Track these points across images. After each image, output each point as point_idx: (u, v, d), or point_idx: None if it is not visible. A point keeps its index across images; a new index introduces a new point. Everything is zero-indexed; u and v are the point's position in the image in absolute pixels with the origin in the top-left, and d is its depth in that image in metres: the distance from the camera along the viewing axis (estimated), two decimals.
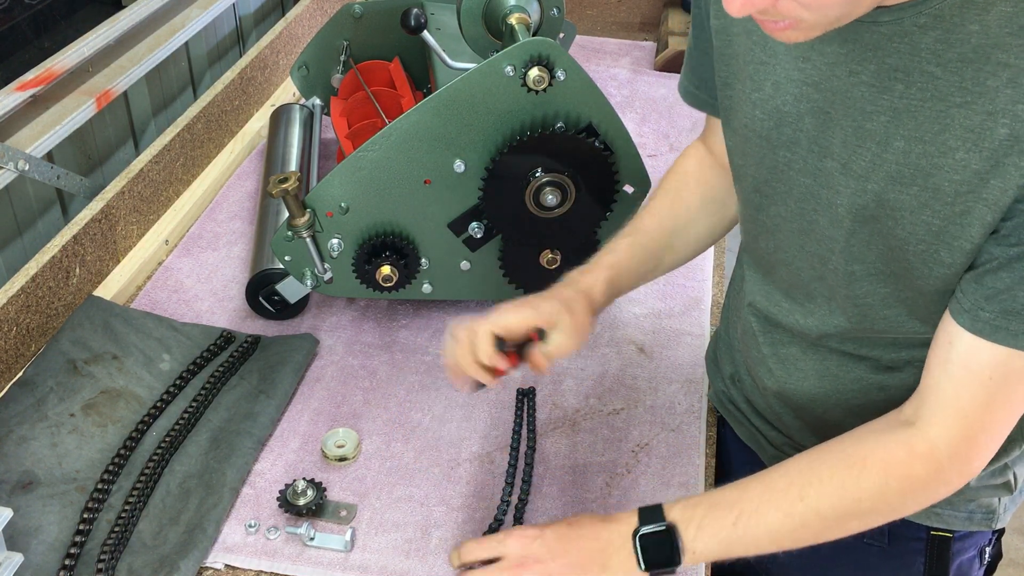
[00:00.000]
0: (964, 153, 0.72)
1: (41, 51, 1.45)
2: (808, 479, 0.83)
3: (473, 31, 1.31)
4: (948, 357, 0.79)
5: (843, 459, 0.83)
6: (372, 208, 1.19)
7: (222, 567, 0.99)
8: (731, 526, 0.83)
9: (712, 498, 0.86)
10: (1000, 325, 0.75)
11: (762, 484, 0.85)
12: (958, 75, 0.71)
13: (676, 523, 0.85)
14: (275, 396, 1.17)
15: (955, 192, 0.74)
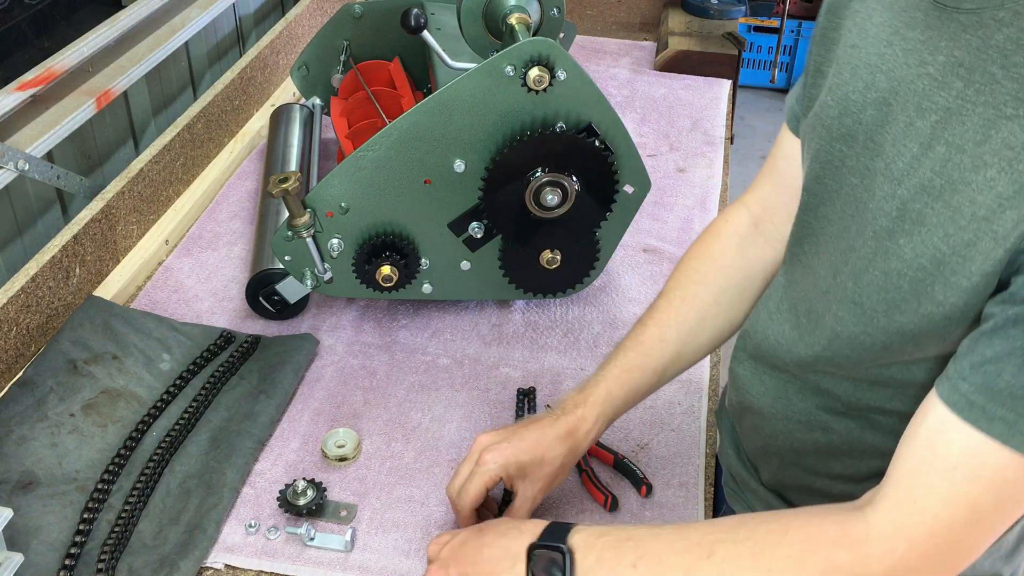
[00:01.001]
0: (996, 172, 0.66)
1: (41, 51, 1.45)
2: (723, 537, 0.74)
3: (473, 31, 1.31)
4: (917, 431, 0.68)
5: (766, 524, 0.74)
6: (372, 208, 1.19)
7: (222, 567, 0.99)
8: (630, 567, 0.75)
9: (622, 532, 0.79)
10: (976, 402, 0.64)
11: (677, 532, 0.77)
12: (1018, 82, 0.65)
13: (575, 549, 0.78)
14: (275, 396, 1.17)
15: (971, 215, 0.67)
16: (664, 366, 1.00)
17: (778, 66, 4.16)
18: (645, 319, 1.02)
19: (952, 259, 0.69)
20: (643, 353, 0.99)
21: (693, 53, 2.04)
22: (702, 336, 1.01)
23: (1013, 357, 0.63)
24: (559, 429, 0.95)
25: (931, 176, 0.70)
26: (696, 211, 1.59)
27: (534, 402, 1.20)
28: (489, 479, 0.93)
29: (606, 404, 0.97)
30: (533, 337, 1.32)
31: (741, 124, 4.20)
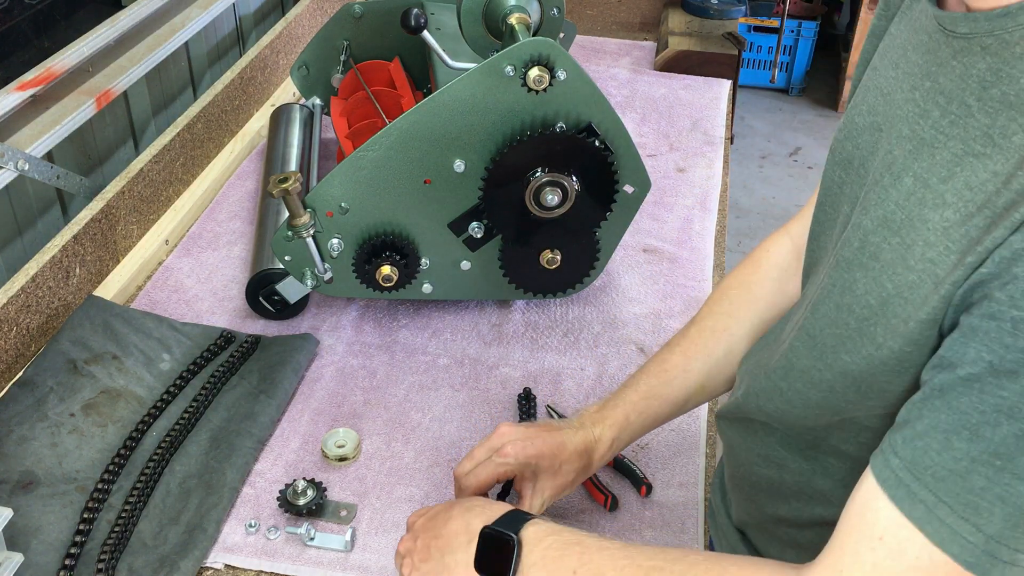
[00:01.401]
0: (952, 212, 0.63)
1: (41, 51, 1.45)
2: (661, 566, 0.73)
3: (473, 31, 1.31)
4: (853, 499, 0.65)
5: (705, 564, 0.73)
6: (372, 208, 1.19)
7: (222, 567, 0.99)
8: (570, 572, 0.76)
9: (573, 536, 0.79)
10: (903, 480, 0.61)
11: (624, 550, 0.76)
12: (991, 118, 0.62)
13: (525, 540, 0.79)
14: (275, 396, 1.17)
15: (921, 256, 0.64)
16: (686, 398, 0.98)
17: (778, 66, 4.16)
18: (673, 345, 1.00)
19: (895, 300, 0.66)
20: (666, 382, 0.98)
21: (693, 53, 2.04)
22: (728, 370, 0.98)
23: (937, 433, 0.60)
24: (578, 444, 0.94)
25: (894, 209, 0.68)
26: (696, 211, 1.59)
27: (535, 402, 1.20)
28: (504, 472, 0.93)
29: (622, 429, 0.96)
30: (533, 337, 1.32)
31: (741, 124, 4.20)
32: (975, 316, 0.59)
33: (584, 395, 1.22)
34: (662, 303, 1.38)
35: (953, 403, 0.59)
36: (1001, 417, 0.57)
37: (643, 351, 1.29)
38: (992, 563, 0.58)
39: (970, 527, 0.58)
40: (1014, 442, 0.57)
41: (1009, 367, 0.56)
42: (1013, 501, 0.57)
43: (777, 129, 4.20)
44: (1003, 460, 0.57)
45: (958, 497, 0.59)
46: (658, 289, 1.40)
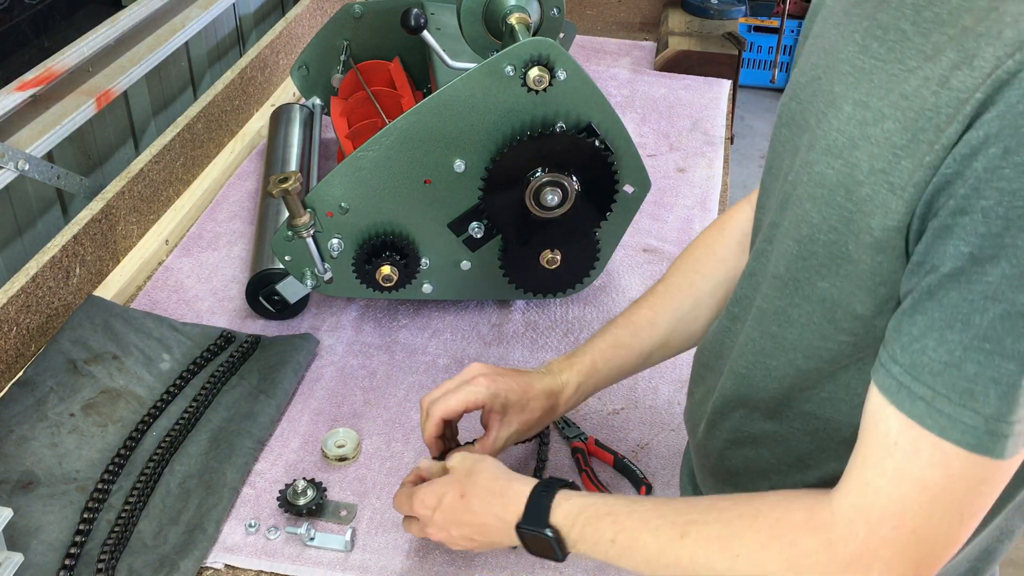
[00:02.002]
0: (892, 123, 0.65)
1: (41, 51, 1.45)
2: (696, 518, 0.75)
3: (473, 31, 1.31)
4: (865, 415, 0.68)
5: (738, 507, 0.74)
6: (372, 208, 1.19)
7: (222, 567, 0.99)
8: (609, 541, 0.78)
9: (602, 507, 0.80)
10: (903, 383, 0.64)
11: (654, 509, 0.78)
12: (924, 37, 0.65)
13: (559, 527, 0.81)
14: (275, 396, 1.17)
15: (869, 169, 0.66)
16: (651, 349, 1.01)
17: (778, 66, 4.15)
18: (640, 301, 1.04)
19: (856, 216, 0.68)
20: (632, 333, 1.01)
21: (693, 53, 2.04)
22: (694, 325, 1.01)
23: (932, 331, 0.62)
24: (545, 385, 0.98)
25: (835, 136, 0.70)
26: (696, 211, 1.59)
27: None
28: (474, 400, 0.95)
29: (588, 376, 1.00)
30: (533, 337, 1.32)
31: (741, 124, 4.20)
32: (944, 216, 0.61)
33: None
34: None
35: (943, 300, 0.62)
36: (988, 302, 0.59)
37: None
38: (994, 441, 0.61)
39: (969, 412, 0.61)
40: (1000, 323, 0.59)
41: (988, 253, 0.59)
42: (1005, 380, 0.60)
43: None
44: (992, 343, 0.60)
45: (954, 387, 0.61)
46: None
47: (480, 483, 0.87)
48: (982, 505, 0.65)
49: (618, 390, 1.23)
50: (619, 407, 1.21)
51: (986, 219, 0.59)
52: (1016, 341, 0.59)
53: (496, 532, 0.85)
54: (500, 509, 0.85)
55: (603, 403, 1.21)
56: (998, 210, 0.58)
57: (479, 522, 0.86)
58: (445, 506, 0.88)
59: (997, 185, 0.58)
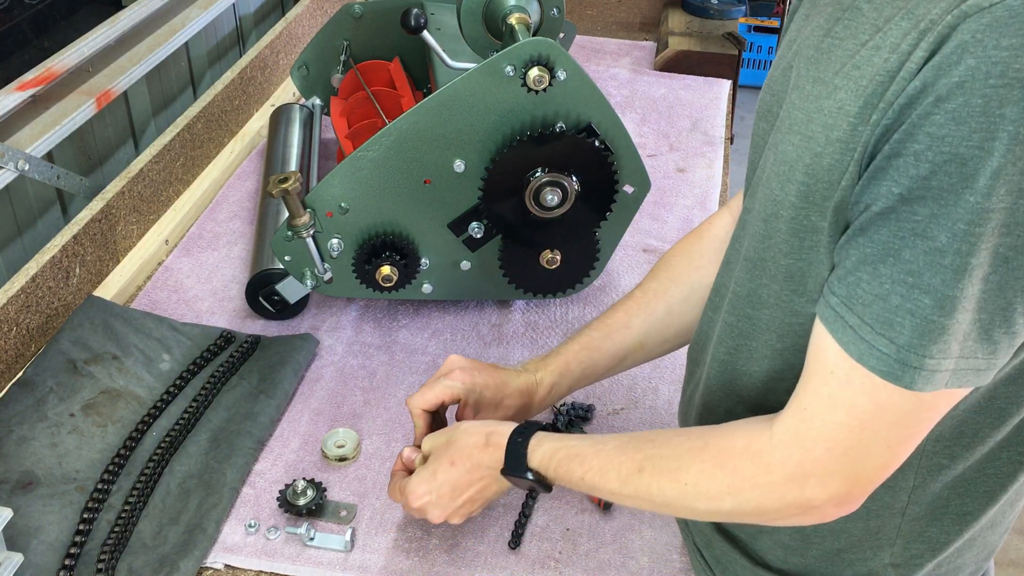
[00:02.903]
0: (844, 93, 0.67)
1: (41, 51, 1.45)
2: (652, 452, 0.81)
3: (473, 31, 1.31)
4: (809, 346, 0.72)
5: (689, 440, 0.80)
6: (372, 208, 1.19)
7: (222, 567, 0.99)
8: (579, 479, 0.85)
9: (571, 448, 0.86)
10: (839, 312, 0.68)
11: (618, 446, 0.84)
12: (878, 12, 0.67)
13: (537, 469, 0.87)
14: (275, 396, 1.17)
15: (825, 139, 0.68)
16: (625, 352, 1.03)
17: None
18: (617, 305, 1.06)
19: (817, 186, 0.70)
20: (606, 335, 1.03)
21: (693, 53, 2.04)
22: (667, 331, 1.03)
23: (866, 264, 0.66)
24: (520, 383, 1.02)
25: (796, 113, 0.72)
26: (696, 211, 1.59)
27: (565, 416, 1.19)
28: (451, 394, 0.99)
29: (562, 376, 1.02)
30: (533, 337, 1.32)
31: (741, 124, 4.20)
32: (879, 159, 0.64)
33: (584, 395, 1.22)
34: None
35: (874, 236, 0.65)
36: (915, 239, 0.63)
37: None
38: (903, 370, 0.65)
39: (884, 340, 0.65)
40: (923, 258, 0.63)
41: (917, 194, 0.62)
42: (919, 313, 0.63)
43: None
44: (914, 276, 0.63)
45: (878, 317, 0.65)
46: None
47: (462, 443, 0.92)
48: (909, 435, 0.69)
49: (618, 390, 1.23)
50: (619, 407, 1.20)
51: (917, 162, 0.62)
52: (933, 276, 0.62)
53: (490, 481, 0.91)
54: (488, 459, 0.90)
55: (603, 403, 1.21)
56: (927, 154, 0.61)
57: (475, 478, 0.91)
58: (440, 482, 0.92)
59: (928, 131, 0.61)
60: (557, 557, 1.01)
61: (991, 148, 0.59)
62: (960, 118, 0.59)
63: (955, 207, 0.61)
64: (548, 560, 1.01)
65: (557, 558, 1.01)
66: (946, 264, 0.62)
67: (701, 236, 1.05)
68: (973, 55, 0.58)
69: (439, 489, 0.92)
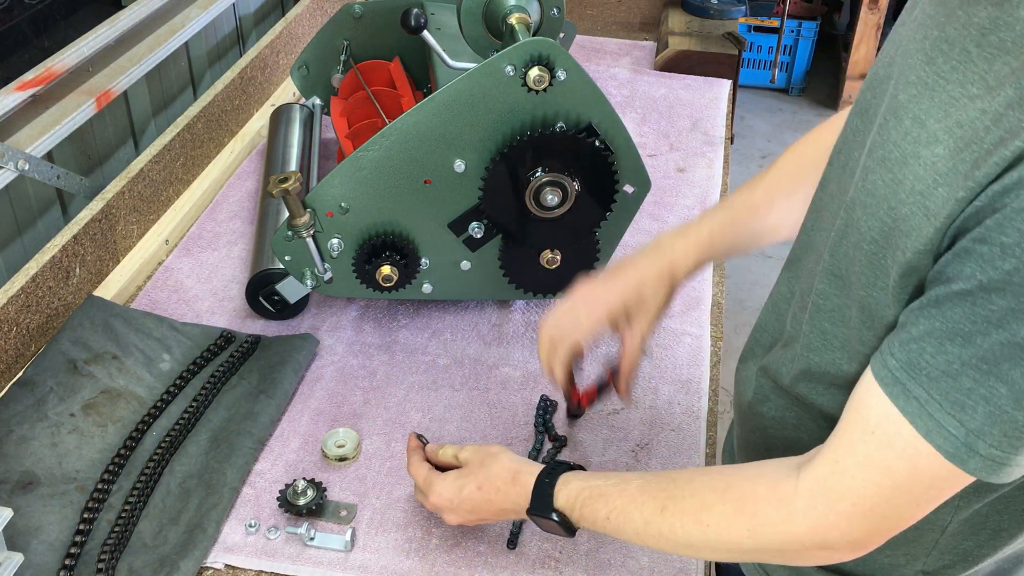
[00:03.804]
0: (943, 149, 0.66)
1: (41, 51, 1.45)
2: (675, 493, 0.80)
3: (473, 31, 1.31)
4: (851, 400, 0.72)
5: (711, 481, 0.80)
6: (372, 208, 1.19)
7: (222, 567, 0.99)
8: (604, 519, 0.84)
9: (596, 488, 0.86)
10: (899, 379, 0.67)
11: (642, 485, 0.83)
12: (988, 63, 0.65)
13: (562, 510, 0.87)
14: (275, 396, 1.17)
15: (911, 189, 0.68)
16: (765, 231, 1.02)
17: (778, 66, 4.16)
18: (756, 182, 1.05)
19: (894, 232, 0.70)
20: (751, 212, 1.03)
21: (693, 53, 2.04)
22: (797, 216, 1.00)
23: (932, 338, 0.65)
24: (659, 267, 1.02)
25: (891, 148, 0.71)
26: (696, 211, 1.59)
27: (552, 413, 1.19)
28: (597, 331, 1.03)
29: (705, 248, 1.03)
30: (533, 337, 1.32)
31: (741, 124, 4.20)
32: (968, 240, 0.64)
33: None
34: None
35: (948, 313, 0.65)
36: (990, 327, 0.63)
37: (643, 351, 1.29)
38: (970, 455, 0.65)
39: (955, 422, 0.64)
40: (999, 349, 0.62)
41: (997, 285, 0.62)
42: (995, 401, 0.63)
43: (777, 129, 4.20)
44: (989, 364, 0.63)
45: (947, 396, 0.65)
46: None
47: (493, 474, 0.93)
48: (940, 497, 0.69)
49: None
50: (619, 407, 1.21)
51: (1003, 254, 0.61)
52: (1012, 368, 0.62)
53: (512, 514, 0.93)
54: (514, 497, 0.91)
55: (603, 403, 1.21)
56: (1015, 250, 0.61)
57: (496, 508, 0.93)
58: (464, 498, 0.94)
59: (1020, 227, 0.61)
60: (557, 557, 1.01)
61: None
62: None
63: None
64: (548, 560, 1.01)
65: (557, 558, 1.01)
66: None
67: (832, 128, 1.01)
68: None
69: (461, 504, 0.94)
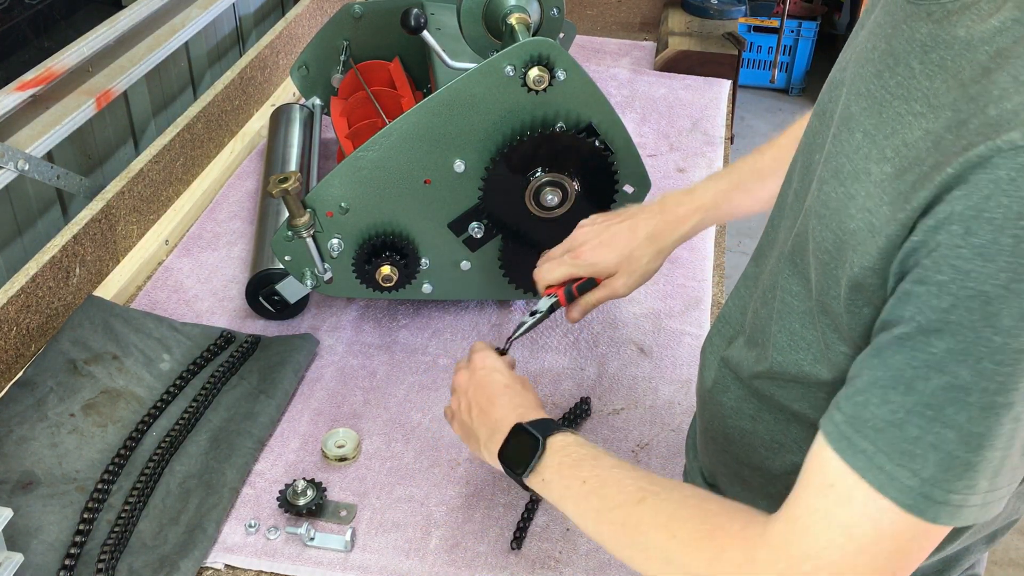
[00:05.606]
0: (890, 167, 0.66)
1: (41, 51, 1.45)
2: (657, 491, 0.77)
3: (473, 31, 1.31)
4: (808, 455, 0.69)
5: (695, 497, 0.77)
6: (372, 208, 1.19)
7: (222, 567, 0.99)
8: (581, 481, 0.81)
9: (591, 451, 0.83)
10: (845, 433, 0.65)
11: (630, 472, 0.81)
12: (930, 80, 0.65)
13: (549, 444, 0.85)
14: (275, 396, 1.17)
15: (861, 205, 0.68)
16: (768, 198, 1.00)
17: (778, 66, 4.16)
18: (765, 148, 1.06)
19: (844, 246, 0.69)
20: (758, 178, 1.04)
21: (693, 53, 2.04)
22: None
23: (876, 387, 0.64)
24: (651, 228, 1.06)
25: (844, 161, 0.71)
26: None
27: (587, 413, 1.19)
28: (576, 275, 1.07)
29: (708, 212, 1.05)
30: (533, 337, 1.32)
31: (741, 124, 4.20)
32: (908, 282, 0.63)
33: (584, 395, 1.22)
34: (662, 303, 1.38)
35: (888, 360, 0.64)
36: (931, 372, 0.61)
37: (643, 351, 1.29)
38: (927, 504, 0.63)
39: (907, 472, 0.63)
40: (942, 393, 0.61)
41: (935, 326, 0.61)
42: (943, 447, 0.61)
43: (777, 129, 4.17)
44: (934, 410, 0.61)
45: (895, 446, 0.63)
46: (658, 289, 1.40)
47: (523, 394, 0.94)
48: (907, 564, 0.66)
49: (618, 390, 1.23)
50: (619, 407, 1.21)
51: (940, 293, 0.60)
52: (957, 412, 0.61)
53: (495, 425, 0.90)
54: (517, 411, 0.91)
55: (603, 403, 1.21)
56: (951, 287, 0.59)
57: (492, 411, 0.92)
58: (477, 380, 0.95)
59: (954, 263, 0.59)
60: (557, 557, 1.01)
61: (1018, 290, 0.57)
62: (988, 255, 0.58)
63: (975, 345, 0.59)
64: (548, 560, 1.01)
65: (557, 558, 1.01)
66: (972, 401, 0.60)
67: None
68: (1007, 194, 0.57)
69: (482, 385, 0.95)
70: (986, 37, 0.62)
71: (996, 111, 0.59)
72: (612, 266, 1.06)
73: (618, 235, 1.06)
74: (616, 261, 1.06)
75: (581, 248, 1.07)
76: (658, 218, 1.06)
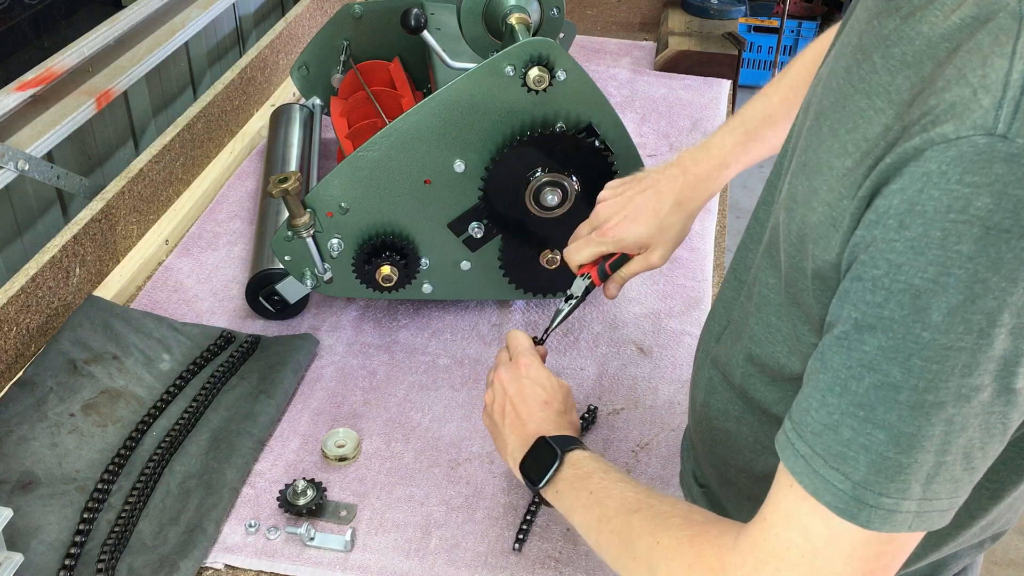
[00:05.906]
0: (851, 162, 0.65)
1: (41, 51, 1.45)
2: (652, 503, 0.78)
3: (473, 31, 1.31)
4: None
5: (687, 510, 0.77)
6: (372, 208, 1.19)
7: (222, 567, 0.99)
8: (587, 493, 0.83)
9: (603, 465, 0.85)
10: (790, 439, 0.65)
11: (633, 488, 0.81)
12: (891, 76, 0.64)
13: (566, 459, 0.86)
14: (275, 396, 1.17)
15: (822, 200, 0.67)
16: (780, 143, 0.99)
17: (778, 66, 4.16)
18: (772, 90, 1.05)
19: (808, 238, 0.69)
20: (769, 123, 1.03)
21: (693, 53, 2.04)
22: None
23: (816, 392, 0.63)
24: (676, 193, 1.04)
25: (811, 154, 0.71)
26: None
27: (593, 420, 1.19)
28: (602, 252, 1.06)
29: (729, 168, 1.05)
30: None
31: None
32: (847, 279, 0.62)
33: (584, 395, 1.22)
34: (662, 303, 1.38)
35: (828, 362, 0.63)
36: (864, 371, 0.60)
37: (643, 351, 1.29)
38: (859, 508, 0.62)
39: (840, 476, 0.62)
40: (874, 392, 0.60)
41: (869, 322, 0.60)
42: (875, 448, 0.61)
43: None
44: (865, 411, 0.61)
45: (830, 449, 0.62)
46: (658, 289, 1.40)
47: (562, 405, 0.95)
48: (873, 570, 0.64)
49: (618, 390, 1.23)
50: (619, 407, 1.21)
51: (874, 288, 0.60)
52: (887, 411, 0.60)
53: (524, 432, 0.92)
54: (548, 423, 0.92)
55: (603, 403, 1.21)
56: (884, 281, 0.59)
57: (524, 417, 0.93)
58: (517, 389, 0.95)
59: (888, 257, 0.59)
60: (557, 557, 1.01)
61: (946, 283, 0.57)
62: (919, 248, 0.57)
63: (904, 341, 0.58)
64: (548, 560, 1.01)
65: (557, 558, 1.01)
66: (901, 400, 0.59)
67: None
68: (937, 187, 0.56)
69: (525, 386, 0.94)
70: (947, 34, 0.61)
71: (936, 101, 0.58)
72: (644, 240, 1.04)
73: (643, 206, 1.03)
74: (648, 234, 1.04)
75: (607, 224, 1.04)
76: (680, 180, 1.04)
